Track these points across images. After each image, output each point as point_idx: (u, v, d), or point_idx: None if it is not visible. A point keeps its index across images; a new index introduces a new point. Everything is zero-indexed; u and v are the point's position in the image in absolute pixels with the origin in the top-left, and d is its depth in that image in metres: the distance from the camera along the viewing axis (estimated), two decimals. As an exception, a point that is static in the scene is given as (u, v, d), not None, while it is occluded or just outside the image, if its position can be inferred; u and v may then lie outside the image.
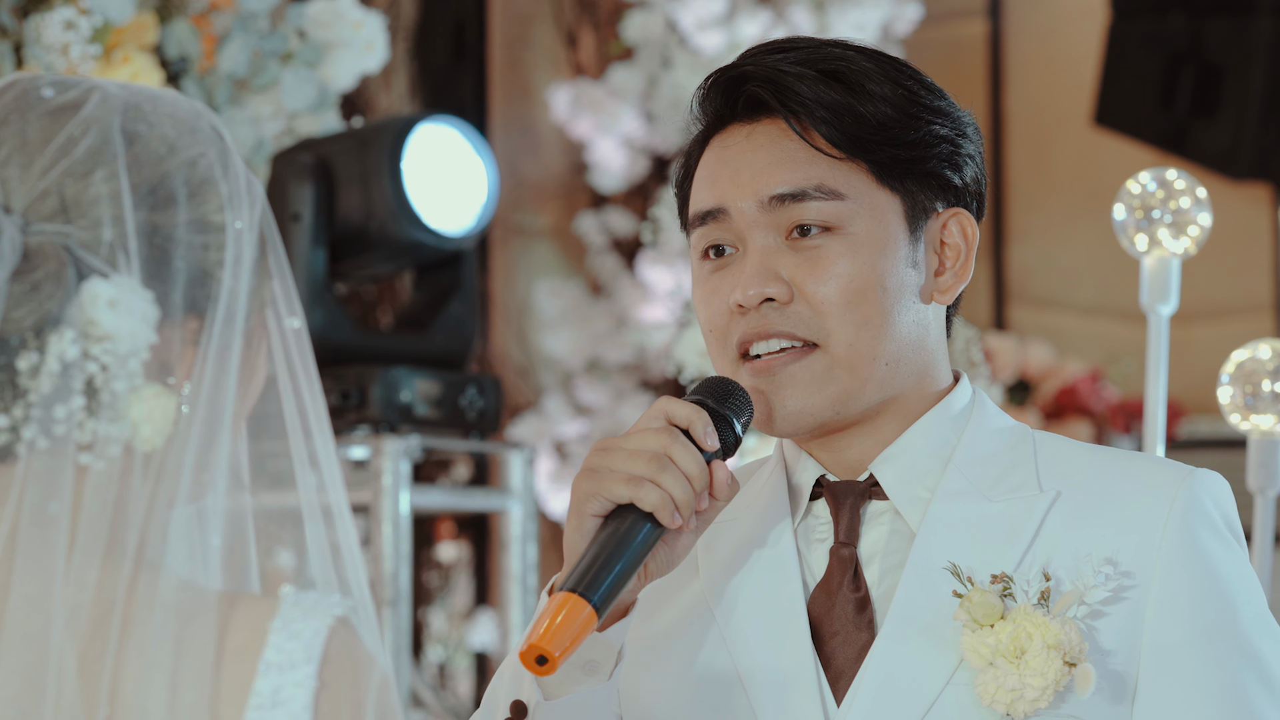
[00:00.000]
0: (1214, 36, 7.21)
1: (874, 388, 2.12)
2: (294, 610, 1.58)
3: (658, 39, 6.49)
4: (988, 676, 2.00)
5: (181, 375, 1.61)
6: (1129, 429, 6.80)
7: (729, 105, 2.17)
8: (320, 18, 4.43)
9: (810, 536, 2.16)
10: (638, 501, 2.00)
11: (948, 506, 2.11)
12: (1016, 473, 2.13)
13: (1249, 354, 3.21)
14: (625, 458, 2.01)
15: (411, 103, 6.83)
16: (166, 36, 4.21)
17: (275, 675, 1.56)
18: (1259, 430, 3.21)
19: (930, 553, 2.08)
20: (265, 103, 4.37)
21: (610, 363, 6.59)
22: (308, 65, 4.39)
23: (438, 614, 7.05)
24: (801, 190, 2.11)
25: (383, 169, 4.21)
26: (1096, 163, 7.51)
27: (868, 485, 2.15)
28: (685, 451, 2.02)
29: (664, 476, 2.00)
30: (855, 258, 2.11)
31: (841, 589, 2.11)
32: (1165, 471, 2.11)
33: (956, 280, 2.18)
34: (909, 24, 6.50)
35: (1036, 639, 1.99)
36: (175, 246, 1.61)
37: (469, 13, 7.17)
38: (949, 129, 2.15)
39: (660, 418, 2.05)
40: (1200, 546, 2.07)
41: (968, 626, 2.02)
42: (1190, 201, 3.19)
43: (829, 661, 2.10)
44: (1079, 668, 2.00)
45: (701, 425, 2.04)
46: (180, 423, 1.60)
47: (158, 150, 1.63)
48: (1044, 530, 2.08)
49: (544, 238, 7.07)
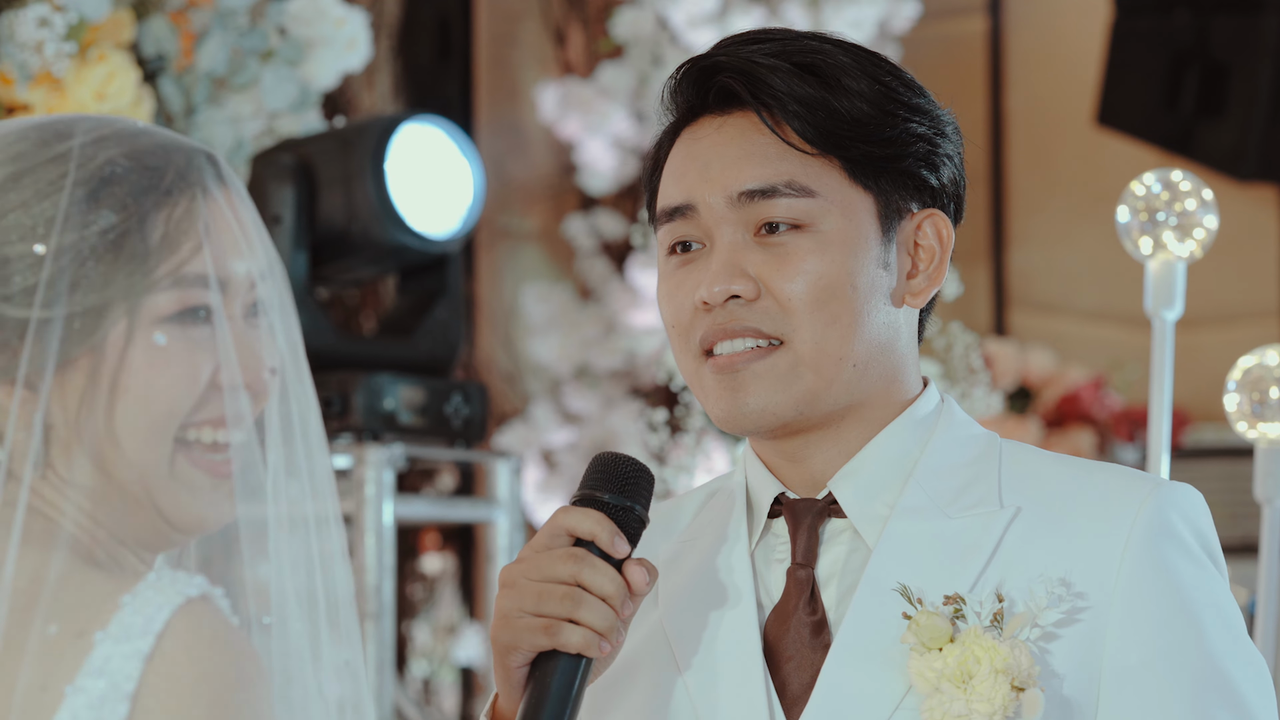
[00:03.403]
0: (1220, 34, 7.25)
1: (840, 389, 2.09)
2: (148, 588, 1.62)
3: (648, 36, 6.52)
4: (934, 702, 1.98)
5: None
6: (1133, 438, 6.86)
7: (700, 96, 2.14)
8: (301, 15, 4.44)
9: (769, 556, 2.14)
10: (560, 647, 1.98)
11: (905, 524, 2.08)
12: (978, 486, 2.11)
13: (1256, 360, 3.20)
14: (536, 595, 1.99)
15: (395, 102, 6.89)
16: (143, 34, 4.21)
17: (109, 645, 1.60)
18: (1266, 438, 3.18)
19: (884, 573, 2.05)
20: (245, 102, 4.39)
21: (599, 369, 6.60)
22: (288, 63, 4.42)
23: (422, 627, 7.12)
24: (771, 186, 2.09)
25: (365, 170, 4.21)
26: (1099, 164, 7.55)
27: (826, 503, 2.12)
28: (596, 573, 2.00)
29: (581, 611, 1.98)
30: (824, 256, 2.08)
31: (797, 612, 2.09)
32: (1130, 485, 2.08)
33: (929, 283, 2.15)
34: (906, 21, 6.53)
35: (985, 663, 1.97)
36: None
37: (454, 10, 7.27)
38: (927, 127, 2.13)
39: (561, 534, 2.02)
40: (1164, 564, 2.03)
41: (915, 650, 2.00)
42: (1196, 203, 3.18)
43: (784, 687, 2.08)
44: (1027, 693, 1.96)
45: (607, 535, 2.01)
46: None
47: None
48: (1002, 548, 2.05)
49: (531, 241, 7.13)
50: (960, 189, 2.17)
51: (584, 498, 2.05)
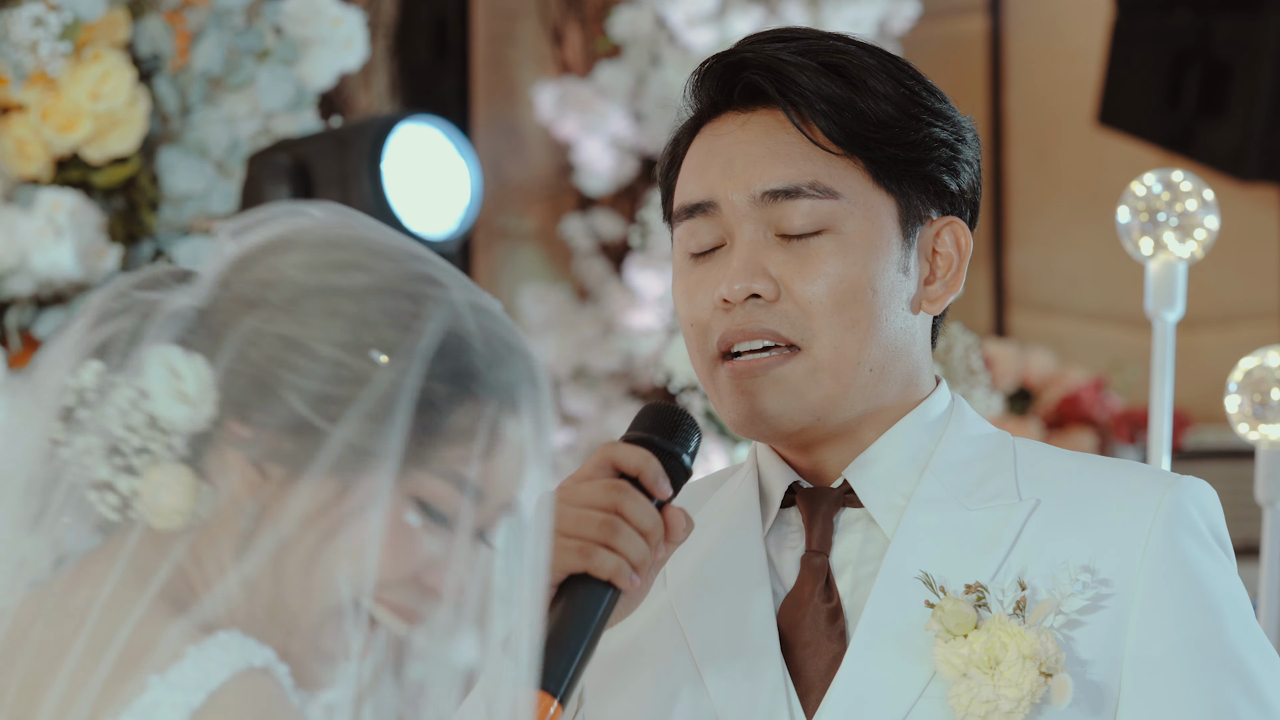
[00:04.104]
0: (1222, 33, 7.27)
1: (857, 394, 2.10)
2: (215, 645, 1.61)
3: (646, 36, 6.50)
4: (961, 688, 1.98)
5: (215, 472, 1.67)
6: (1133, 439, 6.88)
7: (724, 93, 2.14)
8: (297, 14, 4.40)
9: (782, 544, 2.14)
10: (593, 571, 1.97)
11: (923, 514, 2.09)
12: (995, 480, 2.11)
13: (1257, 361, 3.20)
14: (575, 519, 1.98)
15: (392, 102, 6.87)
16: (138, 33, 4.16)
17: (161, 692, 1.58)
18: (1268, 440, 3.19)
19: (904, 561, 2.06)
20: (240, 102, 4.34)
21: (597, 371, 6.58)
22: (284, 63, 4.38)
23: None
24: (796, 187, 2.09)
25: (362, 170, 4.18)
26: (1100, 164, 7.56)
27: (841, 492, 2.12)
28: (637, 506, 1.99)
29: (618, 539, 1.97)
30: (846, 258, 2.08)
31: (812, 599, 2.09)
32: (1149, 479, 2.10)
33: (947, 291, 2.16)
34: (906, 21, 6.51)
35: (1011, 649, 1.97)
36: (253, 352, 1.66)
37: (451, 9, 7.28)
38: (949, 133, 2.14)
39: (607, 466, 2.01)
40: (1185, 556, 2.05)
41: (940, 637, 2.00)
42: (1197, 204, 3.19)
43: (799, 674, 2.08)
44: (1055, 678, 1.98)
45: (652, 472, 2.01)
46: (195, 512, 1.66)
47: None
48: (1022, 539, 2.06)
49: (529, 241, 7.13)
50: (977, 196, 2.18)
51: (633, 438, 2.03)
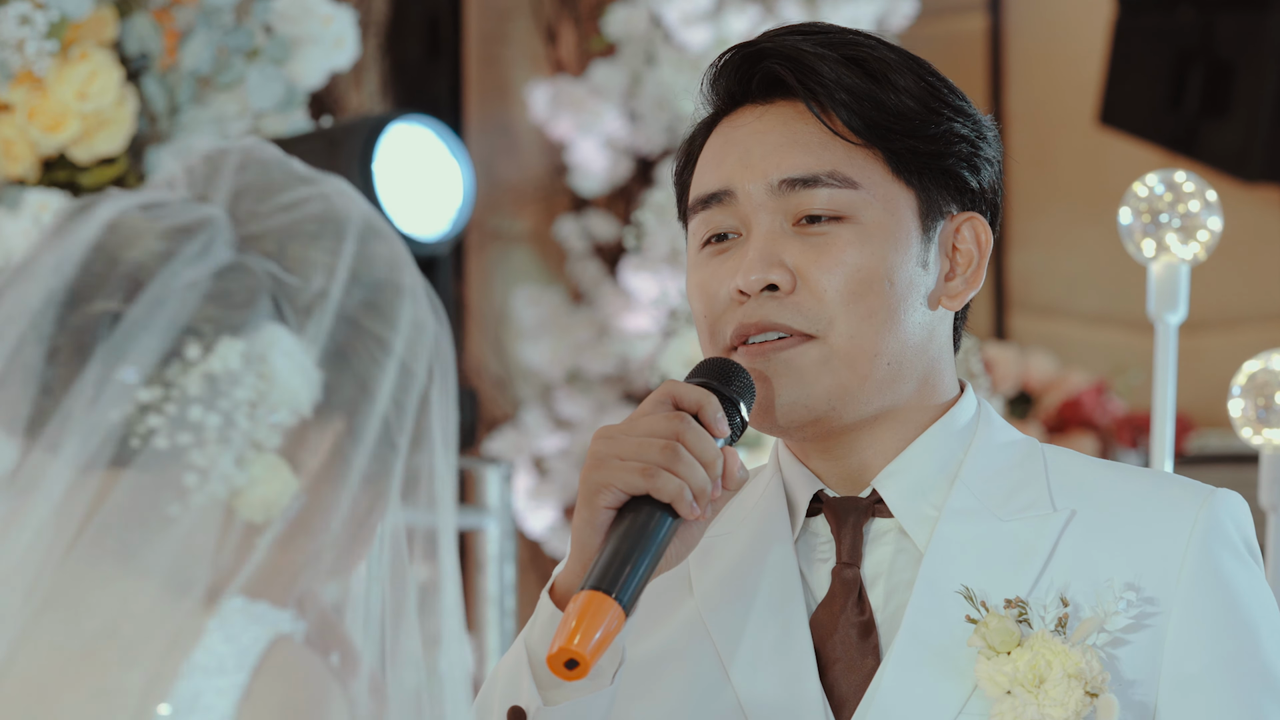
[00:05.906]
0: (1225, 32, 7.26)
1: (873, 387, 2.09)
2: (237, 614, 1.55)
3: (641, 35, 6.49)
4: (1005, 706, 1.98)
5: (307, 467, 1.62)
6: (1135, 443, 6.88)
7: (743, 84, 2.15)
8: (288, 13, 4.41)
9: (811, 556, 2.14)
10: (655, 492, 1.96)
11: (957, 525, 2.09)
12: (1027, 490, 2.11)
13: (1261, 365, 3.19)
14: (636, 445, 1.97)
15: (383, 101, 6.87)
16: (126, 32, 4.17)
17: (200, 679, 1.52)
18: (1272, 445, 3.18)
19: (939, 575, 2.06)
20: (230, 101, 4.36)
21: (591, 374, 6.58)
22: (274, 62, 4.41)
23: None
24: (814, 175, 2.09)
25: (353, 171, 4.17)
26: (1102, 164, 7.56)
27: (870, 502, 2.12)
28: (698, 437, 1.98)
29: (679, 464, 1.96)
30: (864, 248, 2.09)
31: (845, 612, 2.09)
32: (1185, 492, 2.10)
33: (967, 287, 2.16)
34: (904, 19, 6.51)
35: (1056, 667, 1.97)
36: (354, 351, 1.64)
37: (443, 7, 7.29)
38: (969, 129, 2.15)
39: (667, 401, 2.01)
40: (1221, 571, 2.06)
41: (983, 653, 2.00)
42: (1200, 205, 3.17)
43: (831, 689, 2.08)
44: (1102, 698, 1.98)
45: (712, 409, 2.00)
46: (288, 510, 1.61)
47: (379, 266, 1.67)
48: (1059, 551, 2.06)
49: (522, 243, 7.12)
50: (998, 195, 2.19)
51: (693, 382, 2.05)
